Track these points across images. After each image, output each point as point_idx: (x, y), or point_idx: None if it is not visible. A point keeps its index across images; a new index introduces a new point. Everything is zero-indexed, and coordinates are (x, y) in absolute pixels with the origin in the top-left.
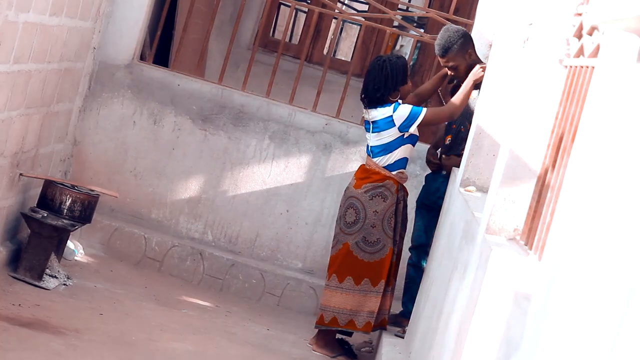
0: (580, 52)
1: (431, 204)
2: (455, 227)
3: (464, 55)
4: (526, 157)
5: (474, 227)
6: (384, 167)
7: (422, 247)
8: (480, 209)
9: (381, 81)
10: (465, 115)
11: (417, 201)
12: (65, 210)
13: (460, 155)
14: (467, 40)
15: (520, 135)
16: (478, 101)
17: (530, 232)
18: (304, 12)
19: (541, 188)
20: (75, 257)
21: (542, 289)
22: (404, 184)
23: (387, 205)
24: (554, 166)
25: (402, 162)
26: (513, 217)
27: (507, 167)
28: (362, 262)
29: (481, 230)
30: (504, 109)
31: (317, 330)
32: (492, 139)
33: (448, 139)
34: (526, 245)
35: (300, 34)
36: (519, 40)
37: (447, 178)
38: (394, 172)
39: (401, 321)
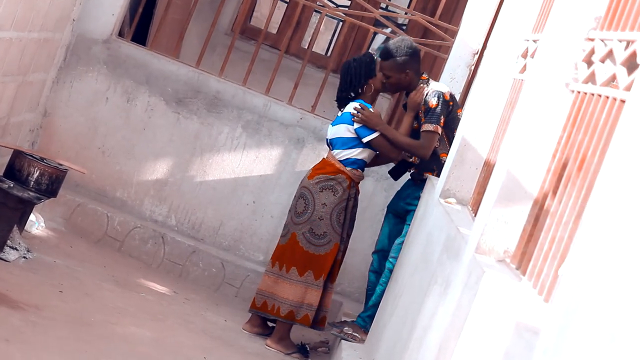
0: (590, 79)
1: (398, 209)
2: (434, 238)
3: (400, 72)
4: (522, 179)
5: (459, 243)
6: (340, 161)
7: (384, 252)
8: (463, 224)
9: (346, 83)
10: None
11: (387, 205)
12: (32, 182)
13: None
14: (412, 61)
15: (517, 156)
16: (464, 113)
17: (524, 256)
18: (285, 1)
19: (538, 212)
20: (36, 230)
21: (553, 327)
22: (357, 183)
23: (336, 200)
24: (555, 192)
25: (359, 163)
26: (504, 239)
27: (503, 187)
28: (307, 253)
29: (469, 248)
30: (490, 123)
31: (250, 314)
32: (476, 152)
33: (415, 158)
34: (518, 269)
35: (279, 23)
36: (512, 55)
37: (419, 186)
38: (348, 168)
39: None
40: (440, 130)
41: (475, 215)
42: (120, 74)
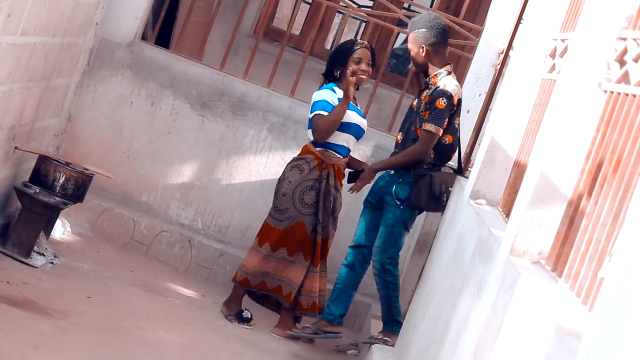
0: (623, 79)
1: (375, 202)
2: (465, 240)
3: (418, 45)
4: (556, 180)
5: (492, 245)
6: (311, 142)
7: (360, 249)
8: (494, 225)
9: (326, 64)
10: (416, 114)
11: (363, 200)
12: (58, 187)
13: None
14: (430, 36)
15: (550, 157)
16: (493, 113)
17: (559, 258)
18: (308, 3)
19: (573, 214)
20: (62, 235)
21: (598, 331)
22: (332, 165)
23: (301, 178)
24: (590, 193)
25: (328, 143)
26: (539, 240)
27: (537, 189)
28: (271, 227)
29: (503, 250)
30: (519, 123)
31: (279, 317)
32: (505, 152)
33: (399, 137)
34: (553, 271)
35: (302, 24)
36: (540, 54)
37: (393, 178)
38: (317, 149)
39: (321, 324)
40: (441, 133)
41: (506, 217)
42: (144, 78)
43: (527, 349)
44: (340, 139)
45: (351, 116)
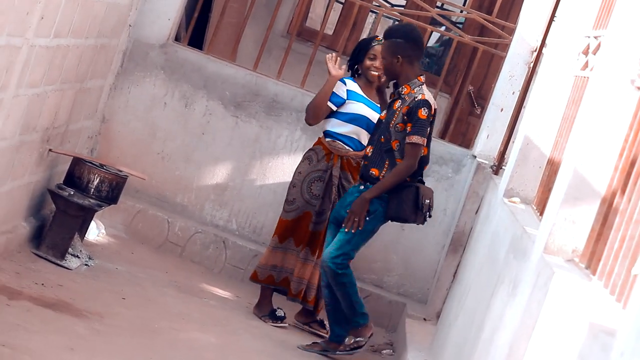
0: None
1: (339, 217)
2: (500, 238)
3: (391, 55)
4: (590, 178)
5: (526, 243)
6: (323, 133)
7: None
8: (528, 223)
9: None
10: (387, 125)
11: (330, 214)
12: (93, 189)
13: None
14: (405, 47)
15: (584, 154)
16: (526, 111)
17: (593, 255)
18: (341, 2)
19: (607, 211)
20: (97, 237)
21: (632, 328)
22: (340, 157)
23: (310, 169)
24: (623, 191)
25: (332, 134)
26: (572, 238)
27: (570, 187)
28: (281, 220)
29: (537, 248)
30: (552, 121)
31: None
32: (539, 150)
33: (369, 150)
34: (587, 268)
35: (335, 24)
36: (572, 52)
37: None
38: (327, 139)
39: (332, 346)
40: (425, 143)
41: (540, 215)
42: (177, 79)
43: (561, 346)
44: (346, 129)
45: (360, 108)
